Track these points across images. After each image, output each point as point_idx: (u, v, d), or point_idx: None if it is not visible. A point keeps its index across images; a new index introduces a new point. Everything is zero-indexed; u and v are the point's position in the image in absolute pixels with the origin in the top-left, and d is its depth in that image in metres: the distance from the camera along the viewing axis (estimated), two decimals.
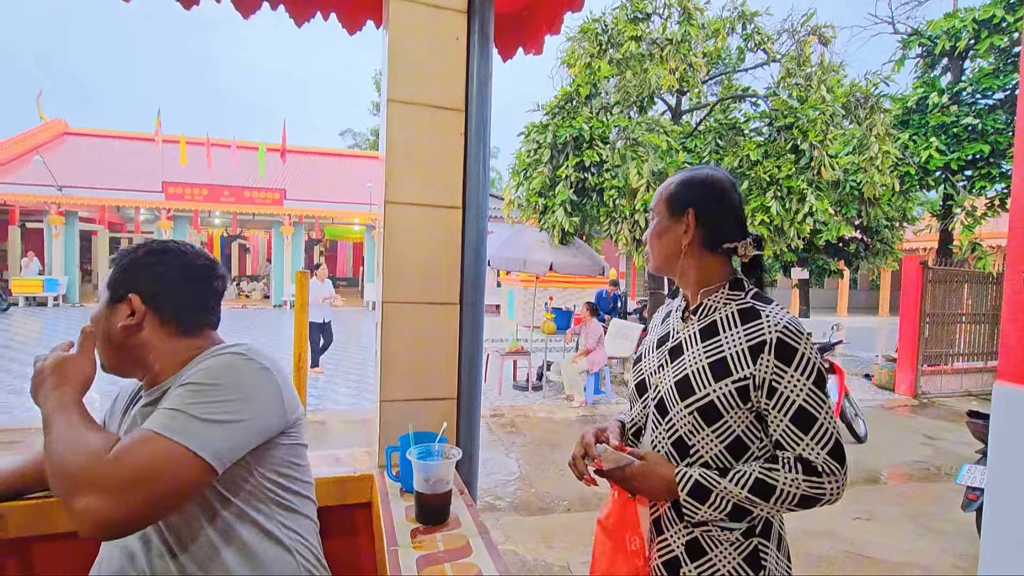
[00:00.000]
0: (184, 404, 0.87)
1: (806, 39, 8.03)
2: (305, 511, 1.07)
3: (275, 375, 0.98)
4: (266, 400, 0.95)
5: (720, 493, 0.95)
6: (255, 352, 0.99)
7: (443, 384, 1.49)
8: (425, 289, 1.46)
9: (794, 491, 0.93)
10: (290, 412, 1.01)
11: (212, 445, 0.86)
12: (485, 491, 4.24)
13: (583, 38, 7.79)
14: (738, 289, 1.06)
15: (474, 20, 1.50)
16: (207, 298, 1.07)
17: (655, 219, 1.13)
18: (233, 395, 0.90)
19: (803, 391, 0.93)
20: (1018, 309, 1.79)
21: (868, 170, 7.75)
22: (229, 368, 0.93)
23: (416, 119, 1.43)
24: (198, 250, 1.09)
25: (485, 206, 1.54)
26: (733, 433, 0.99)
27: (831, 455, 0.93)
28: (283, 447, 1.01)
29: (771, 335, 0.95)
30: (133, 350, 1.01)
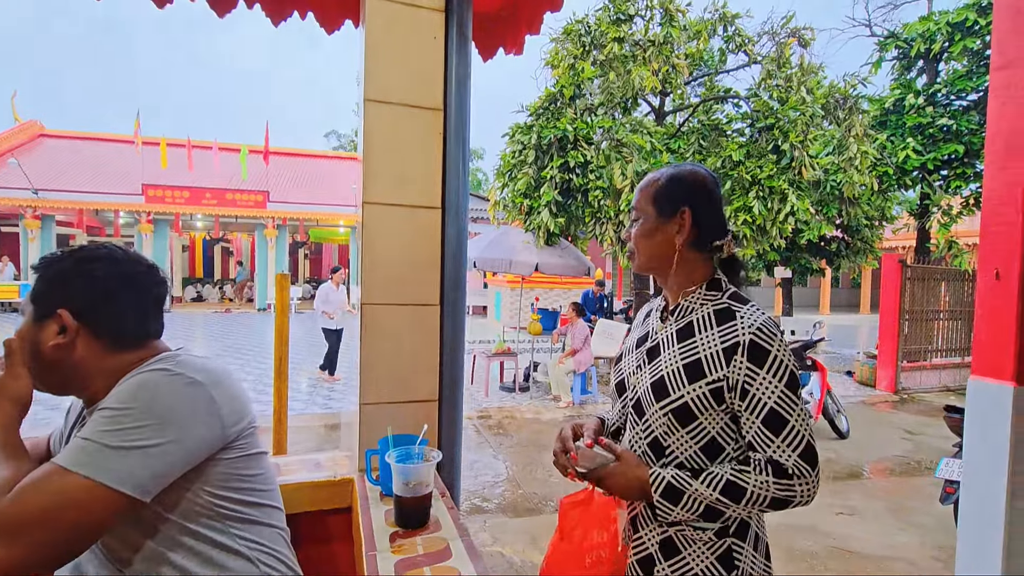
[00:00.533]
0: (95, 432, 0.81)
1: (786, 41, 8.14)
2: (267, 520, 1.01)
3: (208, 388, 0.90)
4: (194, 418, 0.87)
5: (691, 495, 0.95)
6: (185, 364, 0.90)
7: (424, 386, 1.47)
8: (405, 291, 1.45)
9: (764, 493, 0.92)
10: (231, 425, 0.93)
11: (129, 475, 0.80)
12: (473, 493, 4.22)
13: (566, 39, 7.81)
14: (715, 289, 1.06)
15: (452, 19, 1.49)
16: (147, 308, 0.98)
17: (640, 218, 1.10)
18: (150, 418, 0.83)
19: (775, 393, 0.93)
20: (990, 305, 1.83)
21: (847, 170, 7.87)
22: (145, 389, 0.85)
23: (394, 119, 1.42)
24: (134, 255, 0.99)
25: (465, 206, 1.54)
26: (708, 434, 0.99)
27: (802, 457, 0.93)
28: (227, 462, 0.94)
29: (744, 337, 0.95)
30: (67, 369, 0.92)
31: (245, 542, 0.97)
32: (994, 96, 1.87)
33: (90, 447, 0.80)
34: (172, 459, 0.85)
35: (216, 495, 0.93)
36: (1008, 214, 1.83)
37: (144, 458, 0.81)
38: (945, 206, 9.34)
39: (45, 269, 0.93)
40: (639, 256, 1.12)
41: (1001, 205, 1.85)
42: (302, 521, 1.35)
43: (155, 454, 0.82)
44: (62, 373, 0.92)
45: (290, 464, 1.53)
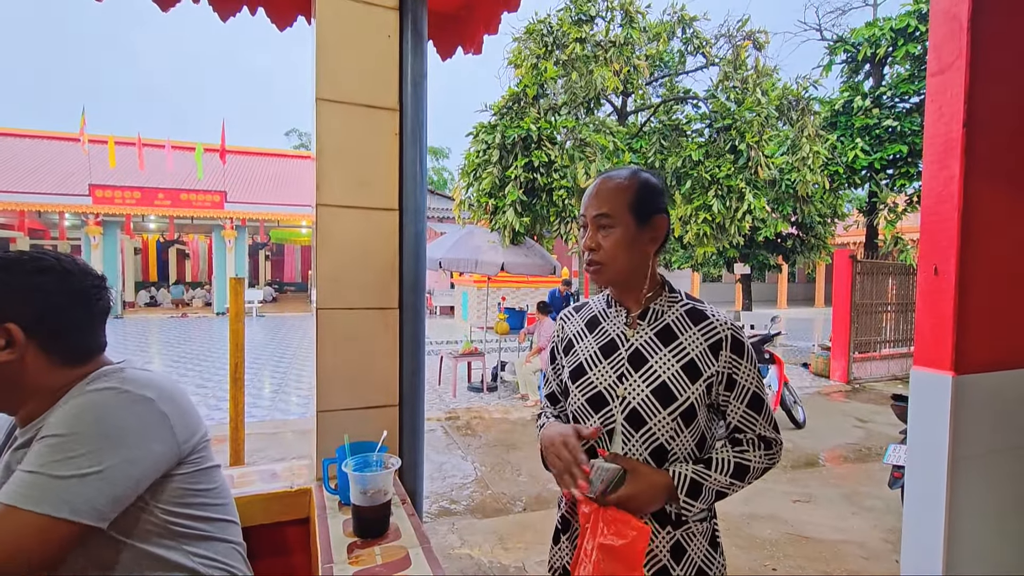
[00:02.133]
0: (41, 464, 0.77)
1: (742, 44, 8.37)
2: (222, 535, 0.99)
3: (158, 403, 0.87)
4: (147, 436, 0.85)
5: (709, 485, 1.00)
6: (131, 380, 0.87)
7: (384, 391, 1.45)
8: (362, 294, 1.42)
9: (760, 466, 1.03)
10: (184, 440, 0.91)
11: (86, 504, 0.77)
12: (440, 495, 4.19)
13: (529, 39, 7.84)
14: (673, 291, 1.10)
15: (407, 17, 1.47)
16: (96, 322, 0.94)
17: (613, 226, 1.02)
18: (100, 441, 0.80)
19: (754, 379, 1.04)
20: (930, 299, 1.92)
21: (801, 169, 8.17)
22: (91, 410, 0.81)
23: (348, 119, 1.39)
24: (84, 266, 0.94)
25: (423, 207, 1.52)
26: (700, 429, 1.04)
27: (774, 428, 1.06)
28: (182, 476, 0.92)
29: (725, 333, 1.03)
30: (7, 386, 0.87)
31: (199, 559, 0.94)
32: (931, 100, 1.97)
33: (40, 480, 0.76)
34: (128, 481, 0.82)
35: (169, 512, 0.90)
36: (945, 212, 1.93)
37: (100, 483, 0.78)
38: (891, 204, 9.80)
39: None
40: (612, 268, 1.04)
41: (939, 203, 1.95)
42: (259, 534, 1.30)
43: (110, 478, 0.79)
44: (3, 390, 0.87)
45: (246, 475, 1.48)
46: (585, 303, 1.20)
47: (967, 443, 1.91)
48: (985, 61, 1.89)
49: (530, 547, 3.33)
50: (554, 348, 1.21)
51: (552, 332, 5.14)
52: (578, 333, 1.15)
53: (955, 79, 1.91)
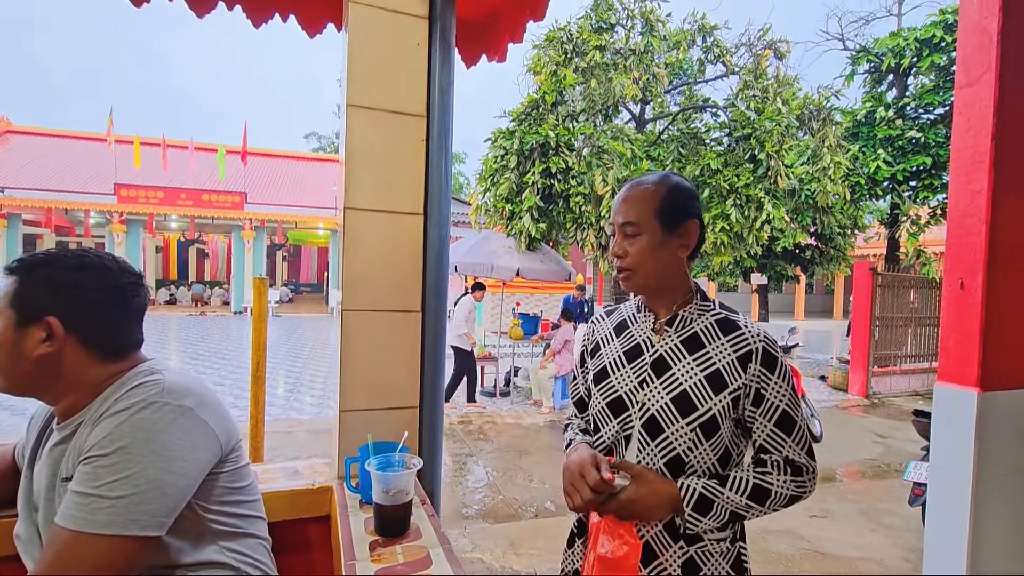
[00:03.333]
0: (99, 485, 0.80)
1: (762, 53, 8.32)
2: (251, 530, 1.03)
3: (197, 412, 0.91)
4: (194, 446, 0.89)
5: (721, 503, 0.95)
6: (170, 391, 0.89)
7: (404, 393, 1.47)
8: (386, 297, 1.44)
9: (785, 492, 0.98)
10: (225, 441, 0.95)
11: (151, 518, 0.82)
12: (452, 499, 4.20)
13: (549, 46, 7.87)
14: (705, 299, 1.07)
15: (435, 26, 1.50)
16: (134, 319, 0.97)
17: (640, 233, 1.02)
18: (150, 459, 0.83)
19: (785, 396, 0.99)
20: (954, 314, 1.89)
21: (821, 180, 8.07)
22: (140, 429, 0.84)
23: (376, 125, 1.42)
24: (123, 264, 0.98)
25: (447, 213, 1.54)
26: (724, 443, 1.00)
27: (808, 454, 1.00)
28: (224, 475, 0.97)
29: (756, 345, 0.99)
30: (48, 377, 0.89)
31: (232, 554, 0.98)
32: (959, 113, 1.95)
33: (103, 504, 0.79)
34: (182, 491, 0.87)
35: (209, 510, 0.95)
36: (972, 226, 1.90)
37: (159, 497, 0.83)
38: (914, 216, 9.64)
39: (28, 272, 0.89)
40: (640, 274, 1.03)
41: (965, 217, 1.92)
42: (280, 529, 1.33)
43: (167, 491, 0.84)
44: (37, 380, 0.90)
45: (268, 472, 1.51)
46: (617, 307, 1.18)
47: (993, 462, 1.87)
48: (1015, 74, 1.87)
49: (542, 553, 3.32)
50: (583, 351, 1.19)
51: (566, 337, 5.16)
52: (606, 337, 1.14)
53: (984, 92, 1.89)
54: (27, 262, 0.90)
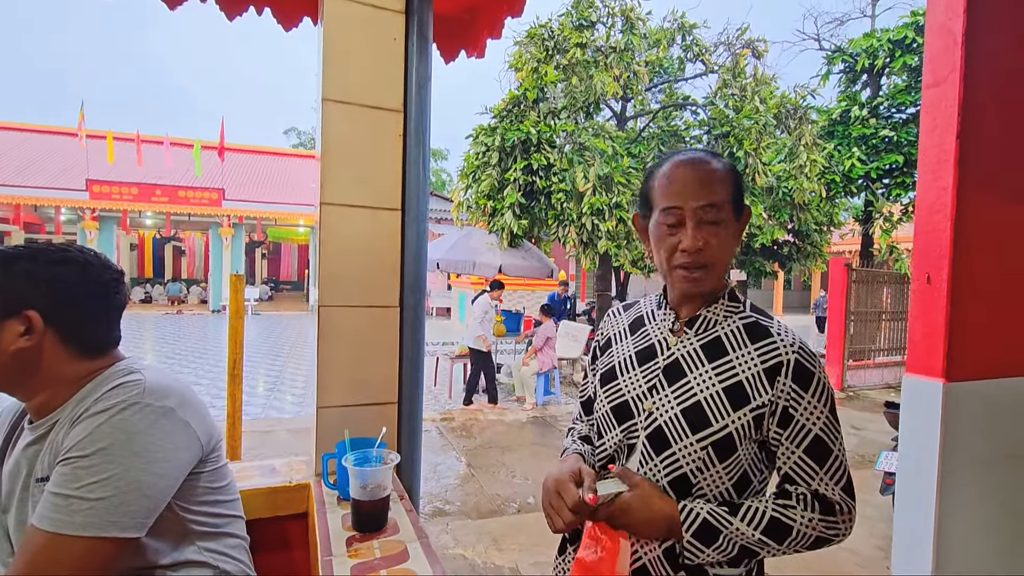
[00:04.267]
0: (78, 487, 0.79)
1: (741, 52, 8.43)
2: (229, 529, 1.03)
3: (179, 412, 0.90)
4: (176, 447, 0.88)
5: (729, 534, 0.82)
6: (151, 392, 0.88)
7: (383, 388, 1.46)
8: (364, 292, 1.44)
9: (810, 532, 0.83)
10: (206, 441, 0.95)
11: (131, 519, 0.81)
12: (435, 496, 4.20)
13: (530, 43, 7.88)
14: (735, 300, 0.94)
15: (412, 21, 1.49)
16: (113, 316, 0.96)
17: (722, 219, 0.86)
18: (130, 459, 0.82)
19: (820, 419, 0.84)
20: (921, 307, 1.95)
21: (798, 177, 8.22)
22: (121, 430, 0.83)
23: (352, 119, 1.41)
24: (105, 260, 0.97)
25: (425, 208, 1.54)
26: (742, 467, 0.87)
27: (845, 491, 0.84)
28: (204, 475, 0.97)
29: (788, 356, 0.84)
30: (21, 372, 0.88)
31: (210, 553, 0.98)
32: (926, 112, 2.00)
33: (82, 506, 0.78)
34: (163, 492, 0.87)
35: (188, 509, 0.94)
36: (938, 221, 1.96)
37: (139, 499, 0.82)
38: (887, 213, 9.88)
39: (8, 265, 0.88)
40: (718, 270, 0.89)
41: (932, 213, 1.98)
42: (258, 527, 1.32)
43: (147, 492, 0.83)
44: (19, 375, 0.88)
45: (245, 470, 1.49)
46: (637, 302, 1.06)
47: (957, 450, 1.94)
48: (979, 75, 1.92)
49: (524, 549, 3.34)
50: (595, 346, 1.07)
51: (548, 333, 5.13)
52: (620, 333, 1.02)
53: (949, 92, 1.95)
54: (7, 255, 0.89)
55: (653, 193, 0.91)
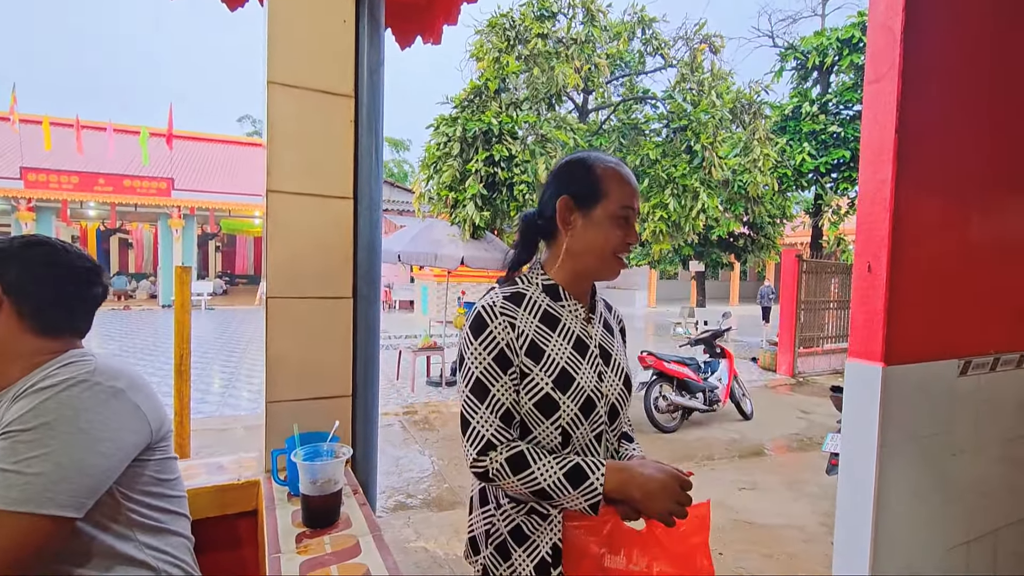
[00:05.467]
0: (17, 460, 0.76)
1: (698, 47, 8.60)
2: (173, 527, 0.99)
3: (129, 393, 0.90)
4: (123, 427, 0.87)
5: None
6: (102, 371, 0.88)
7: (336, 381, 1.43)
8: (315, 283, 1.40)
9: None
10: (156, 427, 0.94)
11: (70, 497, 0.78)
12: (397, 489, 4.16)
13: (491, 32, 7.82)
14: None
15: (363, 3, 1.44)
16: (79, 303, 0.96)
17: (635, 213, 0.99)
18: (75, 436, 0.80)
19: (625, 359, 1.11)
20: (863, 294, 2.04)
21: (752, 171, 8.48)
22: (65, 405, 0.82)
23: (300, 104, 1.36)
24: (80, 251, 0.98)
25: (378, 197, 1.50)
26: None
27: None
28: (152, 464, 0.95)
29: (622, 319, 1.17)
30: None
31: (151, 551, 0.94)
32: (867, 107, 2.09)
33: (20, 480, 0.76)
34: (106, 473, 0.84)
35: (131, 498, 0.92)
36: (878, 213, 2.05)
37: (80, 476, 0.79)
38: (835, 206, 10.31)
39: None
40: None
41: (872, 204, 2.07)
42: (205, 527, 1.27)
43: (89, 470, 0.81)
44: None
45: (192, 468, 1.44)
46: (513, 294, 0.97)
47: (895, 429, 2.05)
48: (916, 72, 2.02)
49: None
50: (504, 352, 0.92)
51: None
52: (539, 332, 0.95)
53: (888, 88, 2.04)
54: None
55: (604, 186, 0.96)
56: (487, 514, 0.98)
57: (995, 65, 2.32)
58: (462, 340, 0.96)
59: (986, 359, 2.41)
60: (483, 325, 0.92)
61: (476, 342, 0.92)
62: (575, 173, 0.98)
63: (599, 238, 0.96)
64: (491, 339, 0.91)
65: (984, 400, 2.40)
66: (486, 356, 0.91)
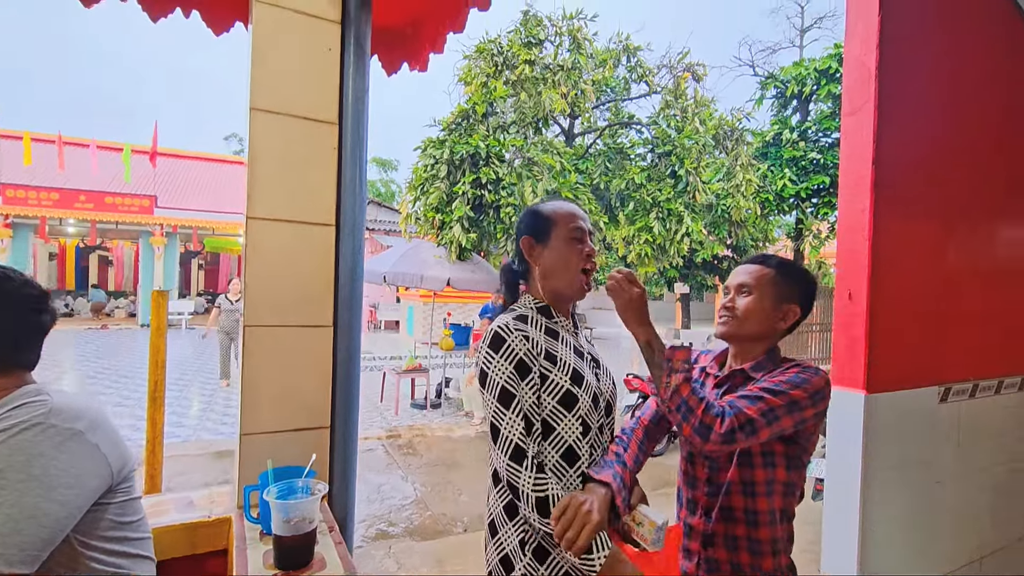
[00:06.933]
0: None
1: (682, 75, 8.80)
2: (137, 570, 0.94)
3: (88, 436, 0.84)
4: (79, 472, 0.82)
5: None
6: (58, 412, 0.83)
7: (314, 413, 1.39)
8: (294, 311, 1.37)
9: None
10: (117, 468, 0.88)
11: (16, 551, 0.73)
12: (378, 517, 4.05)
13: (479, 57, 7.93)
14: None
15: (349, 32, 1.45)
16: (25, 334, 0.90)
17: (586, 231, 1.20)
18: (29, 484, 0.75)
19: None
20: (844, 322, 2.06)
21: (735, 195, 8.62)
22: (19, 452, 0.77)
23: (283, 130, 1.35)
24: (27, 278, 0.92)
25: (361, 223, 1.49)
26: None
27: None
28: (112, 507, 0.89)
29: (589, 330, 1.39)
30: None
31: None
32: (845, 138, 2.14)
33: None
34: (63, 522, 0.79)
35: (90, 545, 0.86)
36: (858, 241, 2.08)
37: (34, 528, 0.74)
38: (815, 230, 10.50)
39: None
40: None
41: (852, 233, 2.11)
42: (172, 568, 1.21)
43: (46, 522, 0.75)
44: None
45: (161, 504, 1.38)
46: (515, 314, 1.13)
47: (878, 458, 2.04)
48: (891, 106, 2.07)
49: (468, 568, 3.27)
50: (524, 361, 1.04)
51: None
52: (548, 342, 1.11)
53: (865, 120, 2.09)
54: None
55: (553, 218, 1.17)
56: (518, 525, 1.05)
57: (967, 98, 2.40)
58: (481, 359, 1.07)
59: (966, 385, 2.43)
60: (502, 340, 1.06)
61: (497, 356, 1.04)
62: (529, 218, 1.20)
63: (560, 258, 1.15)
64: (510, 351, 1.05)
65: (965, 427, 2.42)
66: (508, 366, 1.04)
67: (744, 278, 1.26)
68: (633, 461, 1.13)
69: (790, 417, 1.08)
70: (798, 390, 1.10)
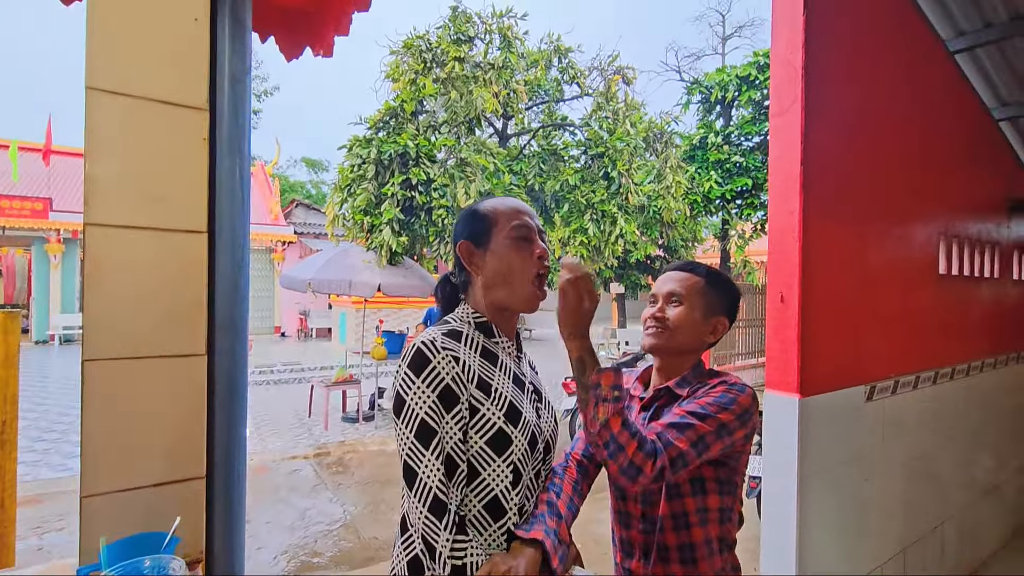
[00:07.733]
0: None
1: (612, 77, 8.91)
2: None
3: None
4: None
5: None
6: None
7: (182, 461, 1.14)
8: (153, 339, 1.11)
9: None
10: None
11: None
12: (301, 547, 3.72)
13: (407, 53, 7.65)
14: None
15: (222, 0, 1.21)
16: None
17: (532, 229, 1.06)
18: None
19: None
20: (777, 325, 2.02)
21: (665, 197, 8.82)
22: None
23: (131, 116, 1.09)
24: None
25: (243, 229, 1.24)
26: None
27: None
28: None
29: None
30: None
31: None
32: (773, 139, 2.10)
33: None
34: None
35: None
36: (788, 243, 2.05)
37: None
38: (740, 231, 10.97)
39: None
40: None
41: (781, 233, 2.07)
42: None
43: None
44: None
45: None
46: (447, 328, 0.95)
47: (813, 461, 2.02)
48: (818, 106, 2.05)
49: None
50: (451, 388, 0.87)
51: None
52: (482, 367, 0.93)
53: (793, 120, 2.05)
54: None
55: (492, 218, 0.99)
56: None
57: (893, 99, 2.45)
58: (400, 381, 0.88)
59: (888, 383, 2.49)
60: (425, 361, 0.86)
61: (419, 380, 0.86)
62: (466, 219, 1.02)
63: (504, 263, 0.97)
64: (435, 375, 0.86)
65: (888, 424, 2.47)
66: (430, 394, 0.86)
67: (674, 286, 1.16)
68: (568, 508, 0.97)
69: (720, 442, 1.00)
70: (726, 412, 1.01)
